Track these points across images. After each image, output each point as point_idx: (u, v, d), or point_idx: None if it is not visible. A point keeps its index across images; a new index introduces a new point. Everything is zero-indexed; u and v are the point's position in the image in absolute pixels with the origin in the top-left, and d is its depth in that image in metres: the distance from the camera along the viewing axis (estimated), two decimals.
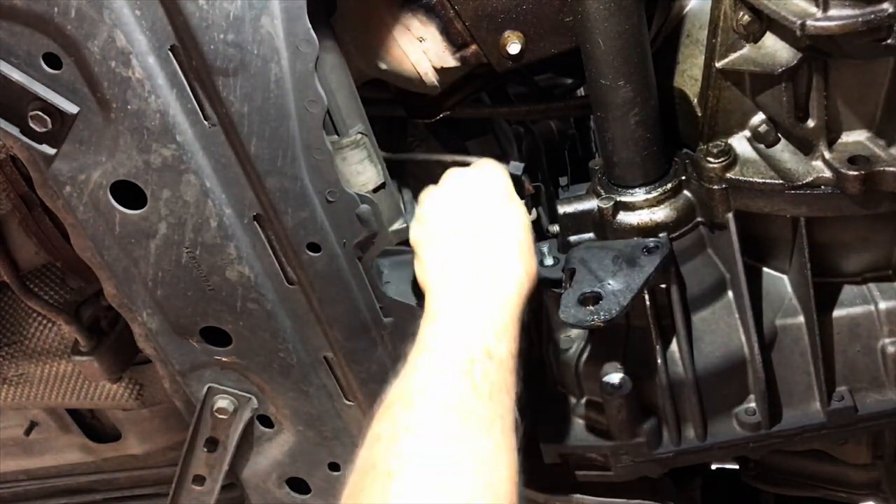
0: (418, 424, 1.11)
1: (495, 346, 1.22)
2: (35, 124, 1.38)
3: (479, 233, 1.39)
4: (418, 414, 1.12)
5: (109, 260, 1.55)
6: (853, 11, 1.17)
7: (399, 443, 1.09)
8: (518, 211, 1.43)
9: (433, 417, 1.12)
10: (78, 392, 2.09)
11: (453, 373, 1.17)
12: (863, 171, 1.32)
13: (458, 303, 1.29)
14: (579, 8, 1.35)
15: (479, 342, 1.22)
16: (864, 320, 1.55)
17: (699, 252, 1.55)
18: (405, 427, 1.11)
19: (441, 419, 1.11)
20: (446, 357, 1.20)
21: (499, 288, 1.31)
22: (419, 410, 1.13)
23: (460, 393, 1.14)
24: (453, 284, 1.33)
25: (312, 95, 1.37)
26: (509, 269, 1.34)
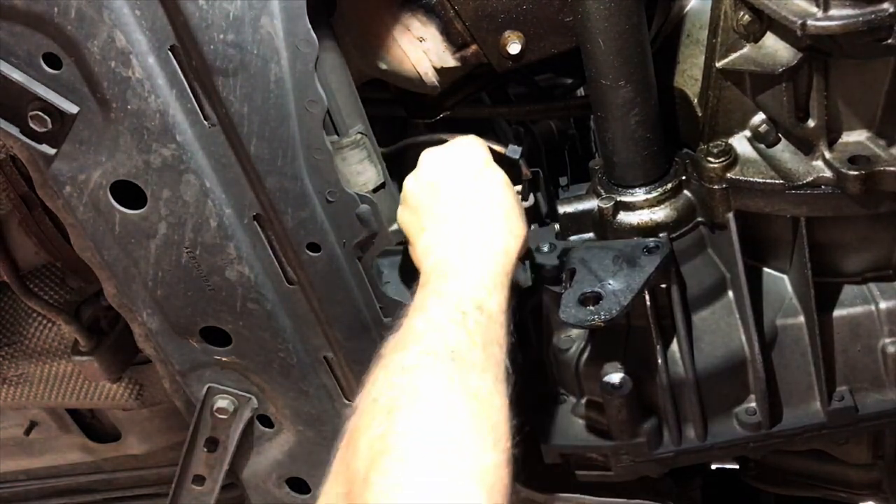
0: (415, 365, 1.13)
1: (486, 300, 1.25)
2: (35, 124, 1.38)
3: (462, 201, 1.40)
4: (415, 357, 1.14)
5: (109, 260, 1.55)
6: (854, 11, 1.16)
7: (398, 381, 1.11)
8: (498, 176, 1.43)
9: (429, 359, 1.13)
10: (78, 392, 2.09)
11: (447, 322, 1.19)
12: (863, 170, 1.32)
13: (448, 264, 1.31)
14: (579, 8, 1.35)
15: (469, 296, 1.24)
16: (865, 320, 1.55)
17: (699, 252, 1.55)
18: (402, 368, 1.13)
19: (437, 360, 1.13)
20: (440, 311, 1.22)
21: (487, 247, 1.33)
22: (415, 354, 1.15)
23: (454, 341, 1.16)
24: (442, 249, 1.35)
25: (312, 95, 1.37)
26: (496, 229, 1.36)
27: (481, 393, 1.12)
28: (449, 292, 1.26)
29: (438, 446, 1.03)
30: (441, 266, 1.31)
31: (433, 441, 1.03)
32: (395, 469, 1.00)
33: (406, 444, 1.02)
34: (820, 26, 1.18)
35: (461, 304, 1.23)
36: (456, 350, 1.15)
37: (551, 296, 1.56)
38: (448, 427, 1.06)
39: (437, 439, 1.04)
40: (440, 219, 1.40)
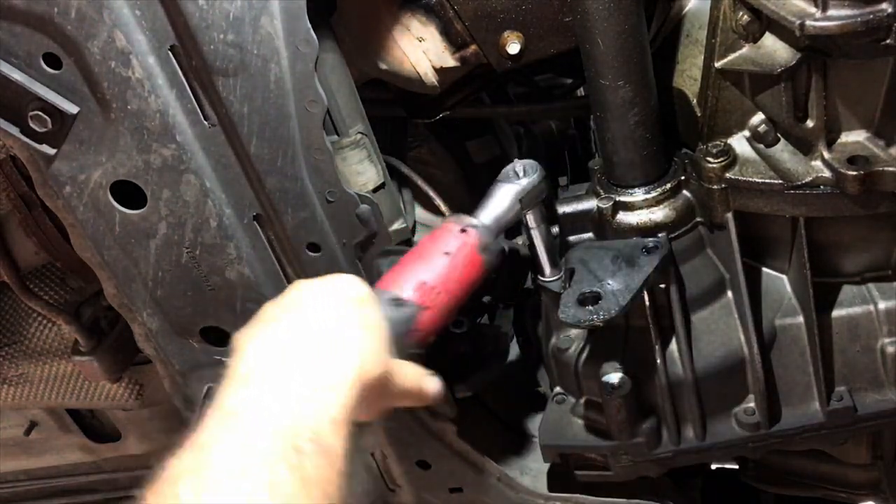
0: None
1: (329, 436, 1.00)
2: (35, 124, 1.38)
3: (318, 327, 1.16)
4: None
5: (109, 260, 1.55)
6: (852, 11, 1.17)
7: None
8: (369, 313, 1.22)
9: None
10: (78, 392, 2.09)
11: (273, 458, 0.94)
12: (862, 171, 1.32)
13: (282, 373, 1.07)
14: (579, 8, 1.35)
15: (308, 426, 0.99)
16: (864, 320, 1.55)
17: (698, 252, 1.55)
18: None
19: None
20: (265, 436, 0.96)
21: (336, 374, 1.09)
22: (221, 497, 0.89)
23: (280, 486, 0.92)
24: (275, 358, 1.10)
25: (312, 95, 1.37)
26: (349, 356, 1.12)
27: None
28: (282, 412, 1.01)
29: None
30: (271, 371, 1.07)
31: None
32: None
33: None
34: (818, 26, 1.18)
35: (296, 435, 0.97)
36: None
37: (550, 296, 1.56)
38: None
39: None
40: (284, 336, 1.15)
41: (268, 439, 0.96)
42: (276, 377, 1.06)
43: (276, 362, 1.09)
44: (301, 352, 1.10)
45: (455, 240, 1.38)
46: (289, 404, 1.02)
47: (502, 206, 1.44)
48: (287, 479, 0.92)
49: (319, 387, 1.06)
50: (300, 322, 1.17)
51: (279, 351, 1.11)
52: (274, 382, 1.05)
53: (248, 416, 0.99)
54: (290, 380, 1.05)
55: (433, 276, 1.35)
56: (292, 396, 1.03)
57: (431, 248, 1.38)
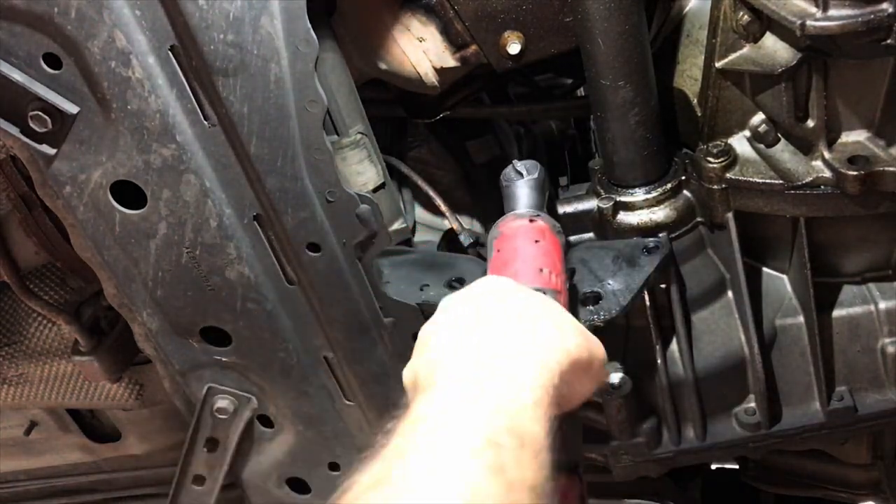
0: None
1: (528, 423, 0.90)
2: (35, 124, 1.38)
3: (504, 316, 1.07)
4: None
5: (109, 260, 1.55)
6: (853, 11, 1.17)
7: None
8: (546, 298, 1.16)
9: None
10: (78, 392, 2.09)
11: (468, 458, 0.85)
12: (862, 171, 1.32)
13: (470, 365, 0.98)
14: (580, 8, 1.35)
15: (502, 418, 0.89)
16: (864, 320, 1.55)
17: (699, 252, 1.55)
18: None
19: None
20: (457, 436, 0.87)
21: (531, 355, 1.00)
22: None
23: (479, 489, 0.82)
24: (462, 350, 1.01)
25: (312, 95, 1.37)
26: (546, 333, 1.05)
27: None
28: (473, 409, 0.90)
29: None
30: (460, 374, 0.97)
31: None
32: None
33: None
34: (819, 26, 1.18)
35: (490, 427, 0.88)
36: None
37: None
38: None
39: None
40: (469, 330, 1.05)
41: (460, 439, 0.86)
42: (464, 371, 0.97)
43: (464, 355, 1.00)
44: (488, 339, 1.02)
45: (534, 229, 1.35)
46: (481, 397, 0.91)
47: (534, 198, 1.41)
48: (485, 480, 0.82)
49: (513, 373, 0.96)
50: (484, 310, 1.08)
51: (465, 343, 1.02)
52: (463, 377, 0.96)
53: (438, 418, 0.90)
54: (479, 370, 0.96)
55: (543, 262, 1.29)
56: (484, 388, 0.93)
57: (520, 242, 1.33)
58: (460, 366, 0.98)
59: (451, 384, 0.95)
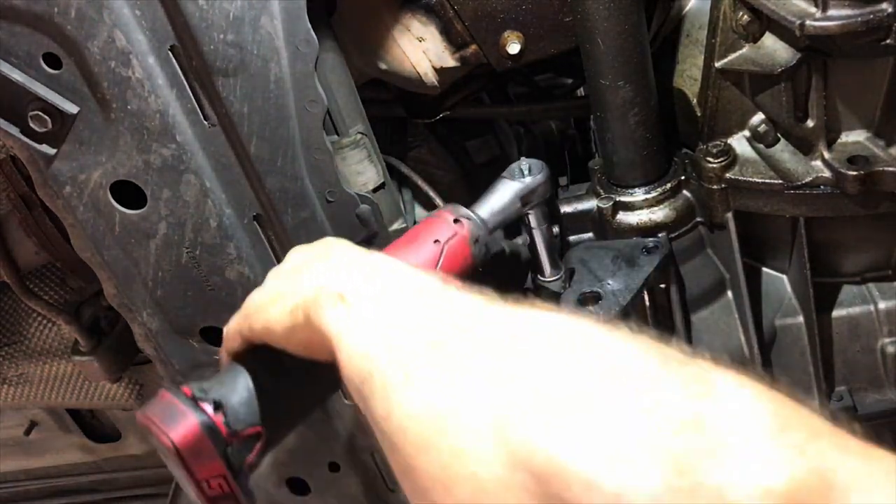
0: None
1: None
2: (35, 124, 1.38)
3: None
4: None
5: (109, 260, 1.55)
6: (852, 11, 1.17)
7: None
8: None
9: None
10: (78, 392, 2.09)
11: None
12: (862, 171, 1.32)
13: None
14: (579, 8, 1.35)
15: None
16: (864, 320, 1.55)
17: (698, 252, 1.55)
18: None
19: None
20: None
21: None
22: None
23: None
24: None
25: (312, 95, 1.37)
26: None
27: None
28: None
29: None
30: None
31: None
32: None
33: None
34: (818, 26, 1.18)
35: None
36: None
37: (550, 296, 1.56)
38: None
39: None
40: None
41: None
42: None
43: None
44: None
45: (447, 229, 1.35)
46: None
47: (502, 202, 1.41)
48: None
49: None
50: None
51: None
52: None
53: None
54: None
55: (419, 261, 1.29)
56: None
57: (423, 234, 1.33)
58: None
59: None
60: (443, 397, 0.74)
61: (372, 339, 0.85)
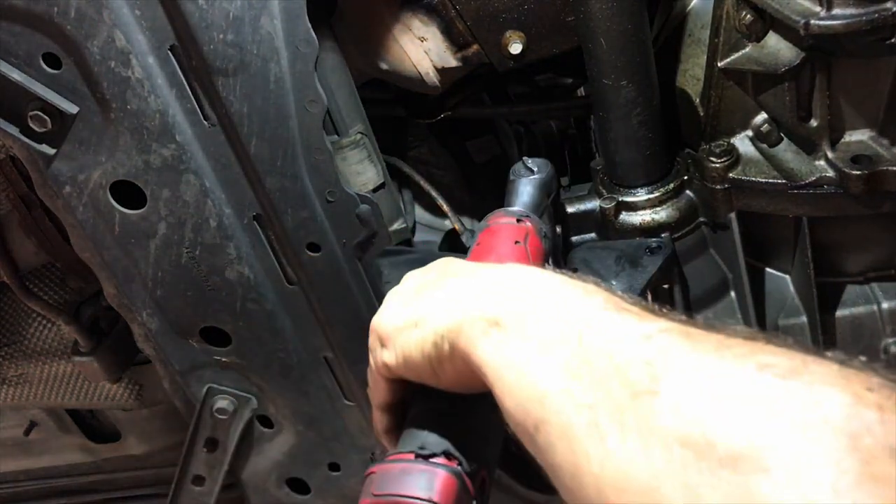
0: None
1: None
2: (35, 124, 1.37)
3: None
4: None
5: (109, 260, 1.55)
6: (857, 10, 1.16)
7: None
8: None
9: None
10: (78, 392, 2.08)
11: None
12: (866, 170, 1.31)
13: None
14: (582, 7, 1.35)
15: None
16: (867, 320, 1.54)
17: (701, 252, 1.54)
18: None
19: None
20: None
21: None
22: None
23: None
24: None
25: (312, 95, 1.37)
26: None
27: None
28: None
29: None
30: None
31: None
32: None
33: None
34: (823, 25, 1.17)
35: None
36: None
37: None
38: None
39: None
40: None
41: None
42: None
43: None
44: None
45: (518, 230, 1.33)
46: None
47: (532, 198, 1.38)
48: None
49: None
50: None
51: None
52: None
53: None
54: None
55: (514, 262, 1.23)
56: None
57: (500, 239, 1.29)
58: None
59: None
60: (641, 469, 0.65)
61: (542, 378, 0.76)
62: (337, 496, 1.93)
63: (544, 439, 0.74)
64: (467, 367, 0.86)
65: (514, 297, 0.86)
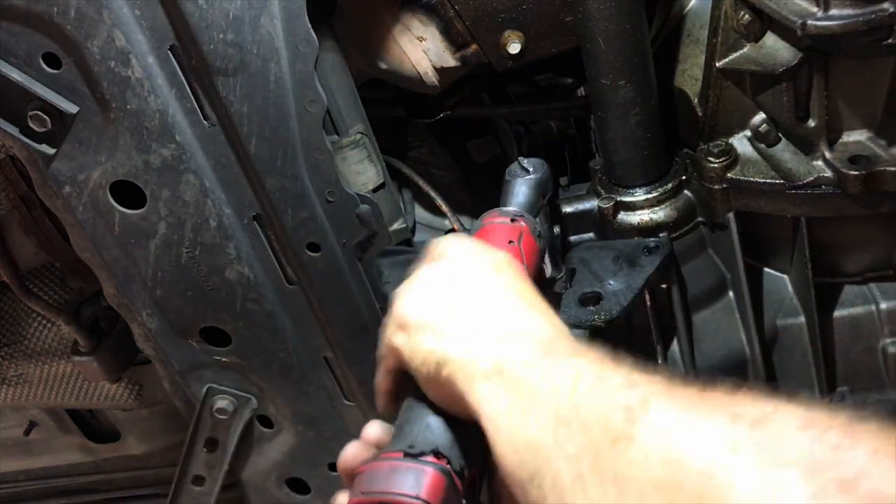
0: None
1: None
2: (34, 124, 1.38)
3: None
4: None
5: (109, 260, 1.55)
6: (854, 11, 1.16)
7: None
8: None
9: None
10: (78, 392, 2.08)
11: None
12: (864, 170, 1.32)
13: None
14: (580, 7, 1.35)
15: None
16: (865, 320, 1.55)
17: (699, 252, 1.54)
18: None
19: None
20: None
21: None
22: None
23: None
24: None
25: (312, 95, 1.37)
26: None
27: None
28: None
29: None
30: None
31: None
32: None
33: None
34: (820, 26, 1.18)
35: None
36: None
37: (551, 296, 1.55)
38: None
39: None
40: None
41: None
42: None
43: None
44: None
45: (512, 229, 1.33)
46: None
47: (527, 198, 1.38)
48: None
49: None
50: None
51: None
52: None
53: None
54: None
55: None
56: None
57: (495, 238, 1.28)
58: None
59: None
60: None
61: (535, 427, 0.79)
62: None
63: (537, 492, 0.77)
64: (460, 400, 0.89)
65: (521, 344, 0.89)
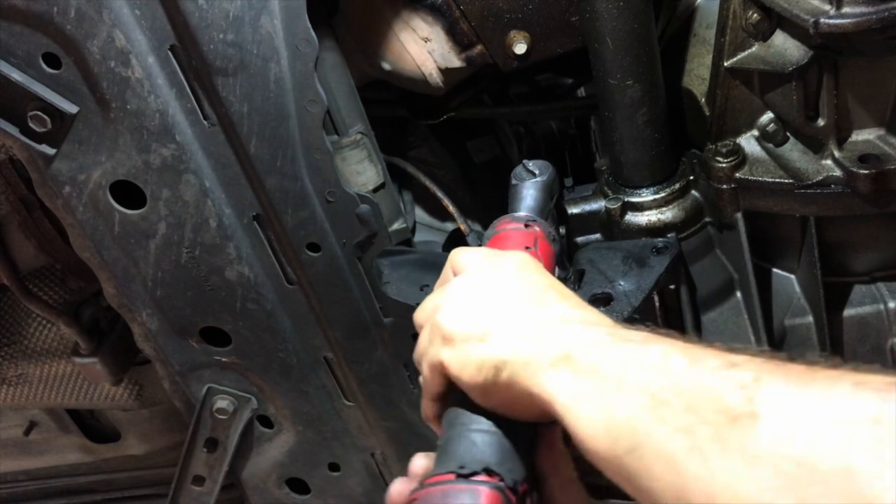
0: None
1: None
2: (35, 124, 1.37)
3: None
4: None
5: (109, 260, 1.54)
6: (867, 9, 1.15)
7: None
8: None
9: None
10: (77, 392, 2.08)
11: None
12: (873, 169, 1.31)
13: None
14: (588, 7, 1.34)
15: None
16: (874, 320, 1.54)
17: (707, 252, 1.54)
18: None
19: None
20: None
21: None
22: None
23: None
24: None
25: (312, 95, 1.36)
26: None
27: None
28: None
29: None
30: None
31: None
32: None
33: None
34: (833, 24, 1.16)
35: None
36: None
37: None
38: None
39: None
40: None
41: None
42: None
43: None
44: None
45: (527, 235, 1.32)
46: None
47: (537, 201, 1.36)
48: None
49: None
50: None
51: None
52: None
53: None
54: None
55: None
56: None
57: (511, 247, 1.24)
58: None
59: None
60: (750, 485, 0.67)
61: (629, 406, 0.78)
62: (337, 496, 1.92)
63: (638, 464, 0.76)
64: (524, 398, 0.87)
65: (584, 331, 0.88)
